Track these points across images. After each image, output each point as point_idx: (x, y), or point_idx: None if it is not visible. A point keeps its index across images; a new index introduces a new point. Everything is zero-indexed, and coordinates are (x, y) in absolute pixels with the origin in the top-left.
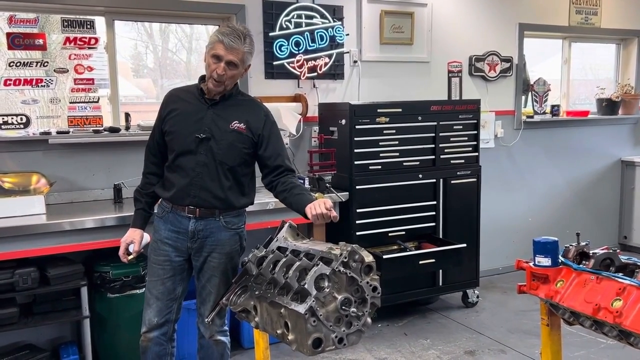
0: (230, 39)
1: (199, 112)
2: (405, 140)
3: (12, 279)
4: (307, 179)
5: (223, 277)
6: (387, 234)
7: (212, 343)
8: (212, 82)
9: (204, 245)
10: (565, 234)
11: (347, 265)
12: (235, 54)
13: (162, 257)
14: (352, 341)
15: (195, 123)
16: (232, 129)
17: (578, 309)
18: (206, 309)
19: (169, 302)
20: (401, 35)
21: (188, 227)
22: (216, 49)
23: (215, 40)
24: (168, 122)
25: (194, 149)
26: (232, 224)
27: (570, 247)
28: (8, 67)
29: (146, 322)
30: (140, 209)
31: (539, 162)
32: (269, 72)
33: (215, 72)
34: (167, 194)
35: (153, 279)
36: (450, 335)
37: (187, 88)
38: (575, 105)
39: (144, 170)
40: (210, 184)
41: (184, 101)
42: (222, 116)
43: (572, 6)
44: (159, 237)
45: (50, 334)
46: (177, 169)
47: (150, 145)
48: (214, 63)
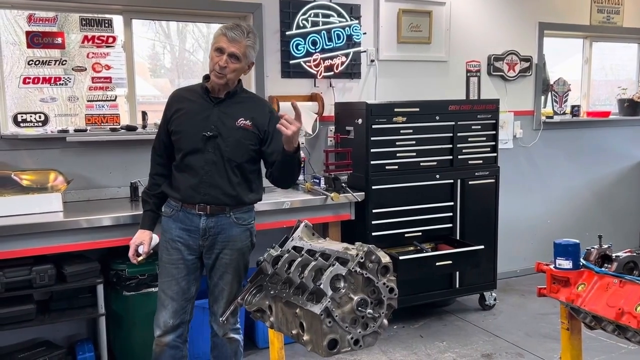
0: (233, 32)
1: (204, 110)
2: (423, 140)
3: (30, 276)
4: (323, 179)
5: (235, 274)
6: (403, 235)
7: (225, 341)
8: (214, 75)
9: (215, 242)
10: (585, 236)
11: (364, 265)
12: (237, 46)
13: (175, 256)
14: (368, 343)
15: (202, 121)
16: (239, 126)
17: (600, 313)
18: (219, 306)
19: (184, 303)
20: (419, 34)
21: (199, 224)
22: (219, 42)
23: (218, 34)
24: (174, 122)
25: (201, 147)
26: (242, 220)
27: (592, 250)
28: (27, 65)
29: (161, 325)
30: (149, 210)
31: (559, 163)
32: (286, 71)
33: (217, 64)
34: (176, 193)
35: (167, 279)
36: (467, 338)
37: (191, 87)
38: (595, 106)
39: (150, 171)
40: (219, 181)
41: (189, 100)
42: (228, 113)
43: (594, 5)
44: (170, 236)
45: (67, 331)
46: (186, 168)
47: (156, 146)
48: (216, 56)
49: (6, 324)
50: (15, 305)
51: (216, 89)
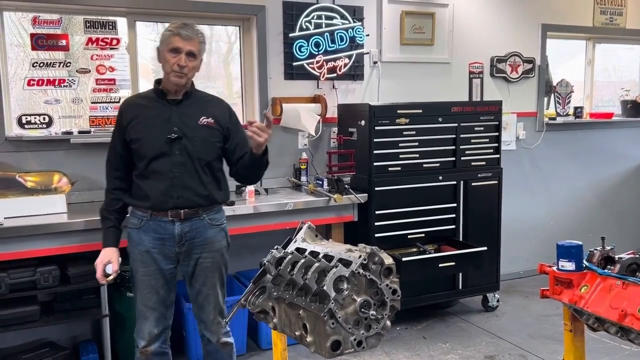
0: (186, 30)
1: (163, 113)
2: (426, 142)
3: (34, 277)
4: (326, 180)
5: (219, 276)
6: (406, 236)
7: (219, 347)
8: (175, 75)
9: (192, 248)
10: (588, 237)
11: (367, 267)
12: (193, 44)
13: (151, 267)
14: (371, 344)
15: (163, 125)
16: (202, 124)
17: (603, 314)
18: (207, 313)
19: (164, 310)
20: (422, 35)
21: (173, 231)
22: (174, 43)
23: (169, 35)
24: (131, 130)
25: (167, 150)
26: (216, 220)
27: (595, 252)
28: (32, 67)
29: (145, 336)
30: (112, 227)
31: (562, 165)
32: (289, 72)
33: (176, 64)
34: (145, 202)
35: (145, 291)
36: (470, 340)
37: (143, 94)
38: (598, 107)
39: (107, 186)
40: (190, 182)
41: (144, 107)
42: (188, 113)
43: (597, 6)
44: (143, 248)
45: (71, 332)
46: (152, 174)
47: (111, 160)
48: (173, 57)
49: (10, 324)
50: (20, 306)
51: (173, 90)
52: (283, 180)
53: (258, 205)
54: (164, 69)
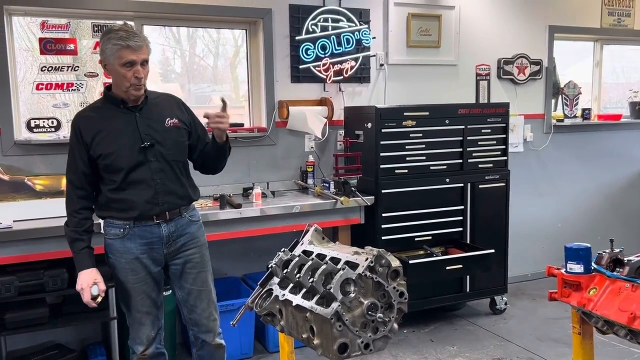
0: (133, 40)
1: (128, 123)
2: (432, 144)
3: (43, 280)
4: (333, 183)
5: (208, 270)
6: (413, 239)
7: (213, 350)
8: (134, 89)
9: (180, 246)
10: (597, 240)
11: (374, 269)
12: (144, 51)
13: (142, 273)
14: (379, 347)
15: (132, 134)
16: (169, 126)
17: (612, 317)
18: (201, 311)
19: (156, 311)
20: (428, 38)
21: (160, 233)
22: (126, 56)
23: (117, 48)
24: (98, 145)
25: (143, 159)
26: (194, 217)
27: (604, 254)
28: (40, 71)
29: (144, 341)
30: (85, 247)
31: (569, 167)
32: (295, 75)
33: (134, 77)
34: (128, 212)
35: (138, 297)
36: (477, 343)
37: (95, 106)
38: (606, 109)
39: (72, 207)
40: (172, 186)
41: (103, 119)
42: (153, 118)
43: (605, 7)
44: (131, 256)
45: (79, 334)
46: (132, 185)
47: (73, 180)
48: (128, 70)
49: (19, 327)
50: (29, 308)
51: (133, 97)
52: (290, 183)
53: (265, 208)
54: (120, 83)
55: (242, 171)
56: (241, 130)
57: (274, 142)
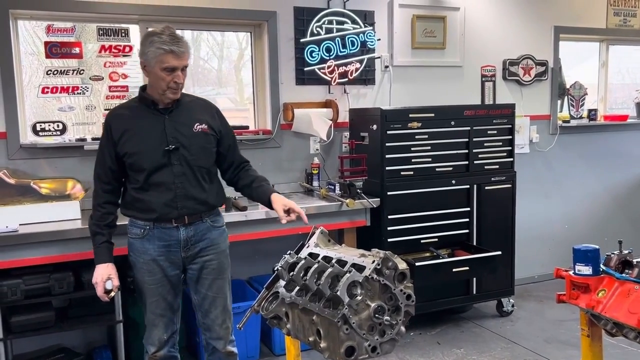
0: (177, 46)
1: (156, 124)
2: (438, 146)
3: (49, 283)
4: (338, 185)
5: (225, 278)
6: (419, 241)
7: (223, 357)
8: (171, 93)
9: (198, 251)
10: (604, 241)
11: (380, 272)
12: (186, 57)
13: (158, 275)
14: (386, 350)
15: (159, 136)
16: (197, 131)
17: (621, 319)
18: (213, 318)
19: (172, 315)
20: (433, 39)
21: (179, 237)
22: (168, 62)
23: (161, 52)
24: (125, 144)
25: (166, 162)
26: (217, 222)
27: (612, 255)
28: (46, 75)
29: (155, 342)
30: (105, 242)
31: (576, 168)
32: (300, 78)
33: (172, 82)
34: (148, 214)
35: (153, 299)
36: (484, 345)
37: (128, 105)
38: (612, 109)
39: (97, 201)
40: (193, 191)
41: (133, 118)
42: (182, 122)
43: (610, 8)
44: (149, 257)
45: (85, 337)
46: (153, 187)
47: (100, 174)
48: (168, 75)
49: (26, 330)
50: (35, 312)
51: (167, 100)
52: (295, 185)
53: (270, 211)
54: (157, 86)
55: None
56: (246, 132)
57: (279, 145)
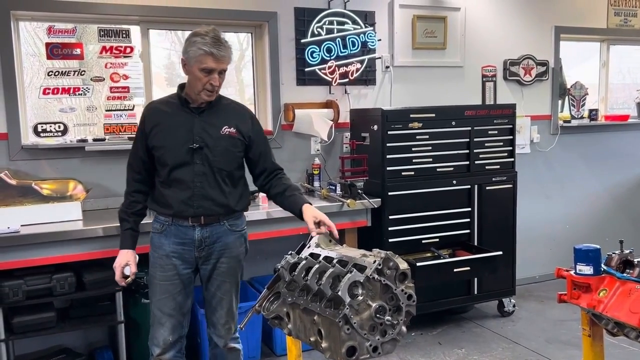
0: (218, 49)
1: (186, 122)
2: (439, 146)
3: (50, 284)
4: (339, 185)
5: (233, 282)
6: (420, 241)
7: (226, 352)
8: (205, 94)
9: (212, 252)
10: (605, 241)
11: (381, 272)
12: (225, 62)
13: (170, 272)
14: (387, 350)
15: (185, 134)
16: (224, 134)
17: (623, 319)
18: (218, 317)
19: (180, 318)
20: (434, 40)
21: (194, 236)
22: (206, 63)
23: (201, 53)
24: (154, 137)
25: (189, 160)
26: (235, 226)
27: (613, 255)
28: (47, 76)
29: (160, 343)
30: (129, 229)
31: (577, 168)
32: (301, 78)
33: (209, 84)
34: (166, 209)
35: (163, 296)
36: (485, 345)
37: (166, 100)
38: (613, 109)
39: (127, 189)
40: (211, 193)
41: (166, 114)
42: (211, 123)
43: (611, 8)
44: (163, 252)
45: (86, 338)
46: (174, 183)
47: (132, 164)
48: (205, 76)
49: (27, 331)
50: (36, 313)
51: (198, 101)
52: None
53: (271, 211)
54: (194, 85)
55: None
56: None
57: (280, 145)
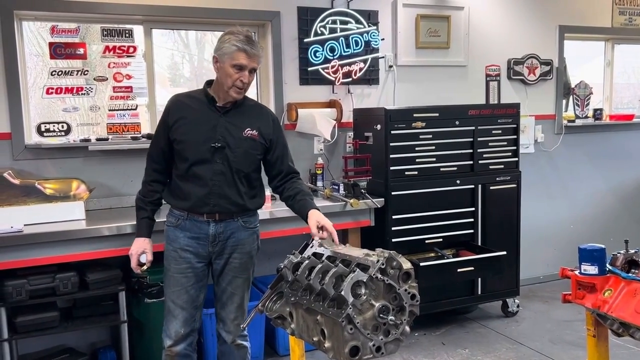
0: (251, 46)
1: (210, 120)
2: (443, 145)
3: (53, 284)
4: (342, 185)
5: (245, 278)
6: (423, 241)
7: (233, 348)
8: (235, 91)
9: (225, 247)
10: (609, 241)
11: (385, 272)
12: (256, 60)
13: (183, 265)
14: (390, 350)
15: (208, 132)
16: (246, 136)
17: (628, 319)
18: (228, 312)
19: (193, 311)
20: (437, 39)
21: (208, 231)
22: (238, 59)
23: (234, 49)
24: (177, 130)
25: (209, 157)
26: (249, 223)
27: (619, 255)
28: (50, 76)
29: (172, 335)
30: (145, 218)
31: (581, 168)
32: (304, 78)
33: (239, 80)
34: (183, 203)
35: (176, 288)
36: (489, 346)
37: (192, 94)
38: (618, 109)
39: (145, 178)
40: (228, 192)
41: (191, 109)
42: (235, 124)
43: (615, 7)
44: (177, 245)
45: (90, 338)
46: (192, 178)
47: (152, 154)
48: (236, 72)
49: (30, 331)
50: (39, 312)
51: (224, 98)
52: None
53: (274, 211)
54: (223, 82)
55: None
56: None
57: None
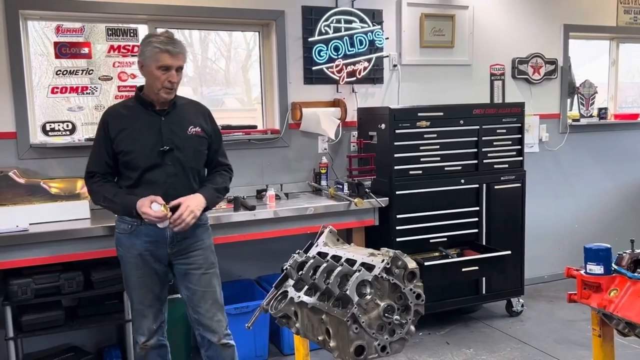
0: (172, 46)
1: (153, 125)
2: (447, 145)
3: (58, 283)
4: (347, 184)
5: (213, 271)
6: (428, 241)
7: (220, 349)
8: (165, 92)
9: (184, 247)
10: (614, 241)
11: (390, 271)
12: (181, 58)
13: (145, 269)
14: (395, 349)
15: (154, 136)
16: (191, 134)
17: (634, 319)
18: (204, 311)
19: (160, 305)
20: (442, 38)
21: (166, 234)
22: (163, 60)
23: (157, 51)
24: (122, 142)
25: (160, 161)
26: (201, 220)
27: (624, 255)
28: (55, 75)
29: (145, 332)
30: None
31: (586, 167)
32: (308, 77)
33: (167, 81)
34: None
35: (142, 291)
36: (494, 345)
37: (127, 103)
38: (622, 108)
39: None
40: (183, 192)
41: (130, 118)
42: (177, 124)
43: (620, 5)
44: (136, 252)
45: (95, 336)
46: (145, 184)
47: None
48: (163, 74)
49: (36, 329)
50: (45, 311)
51: (162, 101)
52: (303, 185)
53: (278, 210)
54: (152, 85)
55: (256, 173)
56: (254, 132)
57: (287, 144)
